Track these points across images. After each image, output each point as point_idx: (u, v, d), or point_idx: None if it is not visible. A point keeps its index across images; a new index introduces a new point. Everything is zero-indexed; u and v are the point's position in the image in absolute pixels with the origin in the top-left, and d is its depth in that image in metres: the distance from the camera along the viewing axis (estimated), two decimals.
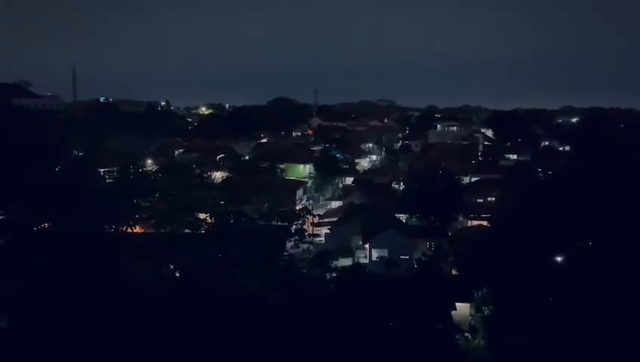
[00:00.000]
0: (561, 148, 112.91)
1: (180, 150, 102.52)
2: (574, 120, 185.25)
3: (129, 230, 33.64)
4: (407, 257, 47.13)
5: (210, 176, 69.23)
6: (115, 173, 55.24)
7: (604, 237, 25.62)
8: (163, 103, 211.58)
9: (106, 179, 53.17)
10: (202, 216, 38.04)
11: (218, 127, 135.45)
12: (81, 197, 32.04)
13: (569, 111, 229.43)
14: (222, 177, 73.98)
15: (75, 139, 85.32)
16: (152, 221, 37.34)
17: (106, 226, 31.30)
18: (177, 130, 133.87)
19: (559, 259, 28.73)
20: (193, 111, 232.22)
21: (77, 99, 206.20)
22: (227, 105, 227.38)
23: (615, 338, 20.41)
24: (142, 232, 38.65)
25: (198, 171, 62.22)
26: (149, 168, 68.44)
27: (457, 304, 34.72)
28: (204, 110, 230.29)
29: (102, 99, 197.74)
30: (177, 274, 28.49)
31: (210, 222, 34.50)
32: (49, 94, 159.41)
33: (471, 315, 34.85)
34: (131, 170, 52.98)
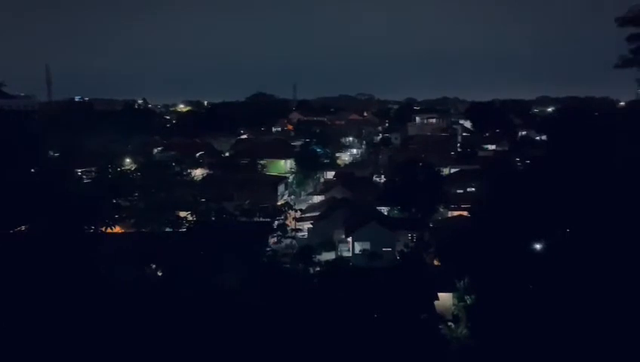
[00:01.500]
0: (538, 138, 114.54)
1: (159, 148, 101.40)
2: (550, 109, 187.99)
3: (109, 230, 33.25)
4: (390, 249, 47.41)
5: (190, 173, 68.67)
6: (93, 173, 54.50)
7: (581, 223, 26.14)
8: (140, 101, 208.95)
9: (83, 179, 52.38)
10: (183, 213, 37.84)
11: (197, 124, 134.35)
12: (59, 198, 31.48)
13: (545, 101, 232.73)
14: (202, 174, 73.48)
15: (51, 139, 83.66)
16: (132, 220, 37.01)
17: (85, 227, 30.84)
18: (155, 128, 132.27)
19: (538, 246, 29.18)
20: (171, 109, 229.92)
21: (52, 99, 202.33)
22: (205, 102, 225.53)
23: (595, 321, 20.86)
24: (122, 232, 38.29)
25: (177, 169, 61.64)
26: (128, 167, 67.58)
27: (440, 294, 35.08)
28: (182, 107, 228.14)
29: (77, 99, 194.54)
30: (160, 274, 28.28)
31: (191, 220, 34.35)
32: (22, 94, 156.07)
33: (453, 304, 35.26)
34: (109, 170, 52.32)
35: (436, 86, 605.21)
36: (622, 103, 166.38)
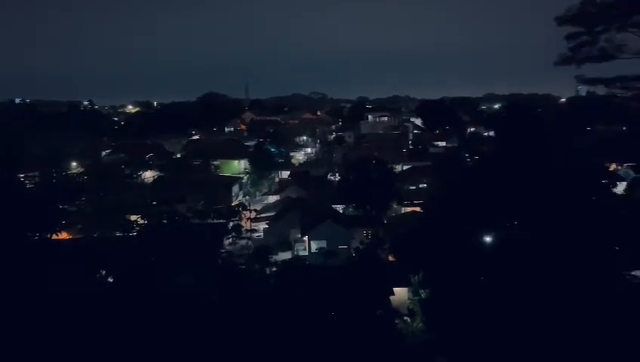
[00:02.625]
0: (486, 134, 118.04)
1: (107, 150, 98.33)
2: (497, 106, 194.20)
3: (55, 237, 32.03)
4: (346, 246, 47.73)
5: (140, 176, 66.96)
6: (37, 178, 52.23)
7: (527, 215, 27.11)
8: (86, 102, 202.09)
9: (26, 184, 50.10)
10: (134, 217, 36.79)
11: (146, 125, 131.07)
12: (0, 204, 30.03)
13: (491, 98, 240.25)
14: (153, 177, 71.75)
15: None
16: (79, 226, 35.73)
17: (30, 234, 29.59)
18: (103, 130, 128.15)
19: (488, 239, 30.03)
20: (119, 110, 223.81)
21: None
22: (155, 103, 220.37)
23: (543, 307, 21.69)
24: (69, 238, 36.89)
25: (127, 172, 59.93)
26: (74, 171, 65.20)
27: (395, 289, 35.59)
28: (130, 108, 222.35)
29: (17, 100, 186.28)
30: (110, 280, 27.39)
31: (142, 223, 33.47)
32: None
33: (409, 299, 35.82)
34: (54, 174, 50.30)
35: (387, 85, 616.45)
36: (563, 100, 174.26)
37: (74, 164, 76.38)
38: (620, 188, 47.88)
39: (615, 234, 26.14)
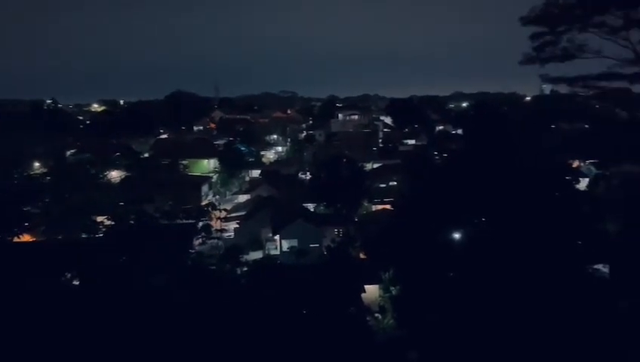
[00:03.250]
0: (454, 132, 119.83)
1: (72, 150, 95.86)
2: (464, 104, 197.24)
3: (17, 239, 31.09)
4: (317, 245, 47.79)
5: (107, 176, 65.58)
6: None
7: (495, 211, 27.60)
8: (49, 101, 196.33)
9: None
10: (100, 218, 35.97)
11: (113, 124, 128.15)
12: None
13: (459, 96, 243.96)
14: (119, 177, 70.34)
15: None
16: (42, 227, 34.74)
17: None
18: (67, 130, 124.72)
19: (457, 235, 30.45)
20: (84, 109, 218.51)
21: None
22: (122, 102, 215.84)
23: (511, 301, 22.13)
24: (32, 241, 35.82)
25: (92, 172, 58.54)
26: (37, 171, 63.36)
27: (366, 286, 35.79)
28: (96, 107, 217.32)
29: None
30: (76, 282, 26.69)
31: (108, 224, 32.74)
32: None
33: (380, 296, 36.09)
34: (15, 175, 48.75)
35: (357, 84, 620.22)
36: (528, 98, 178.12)
37: (37, 164, 74.23)
38: (583, 184, 49.37)
39: (578, 228, 26.88)
